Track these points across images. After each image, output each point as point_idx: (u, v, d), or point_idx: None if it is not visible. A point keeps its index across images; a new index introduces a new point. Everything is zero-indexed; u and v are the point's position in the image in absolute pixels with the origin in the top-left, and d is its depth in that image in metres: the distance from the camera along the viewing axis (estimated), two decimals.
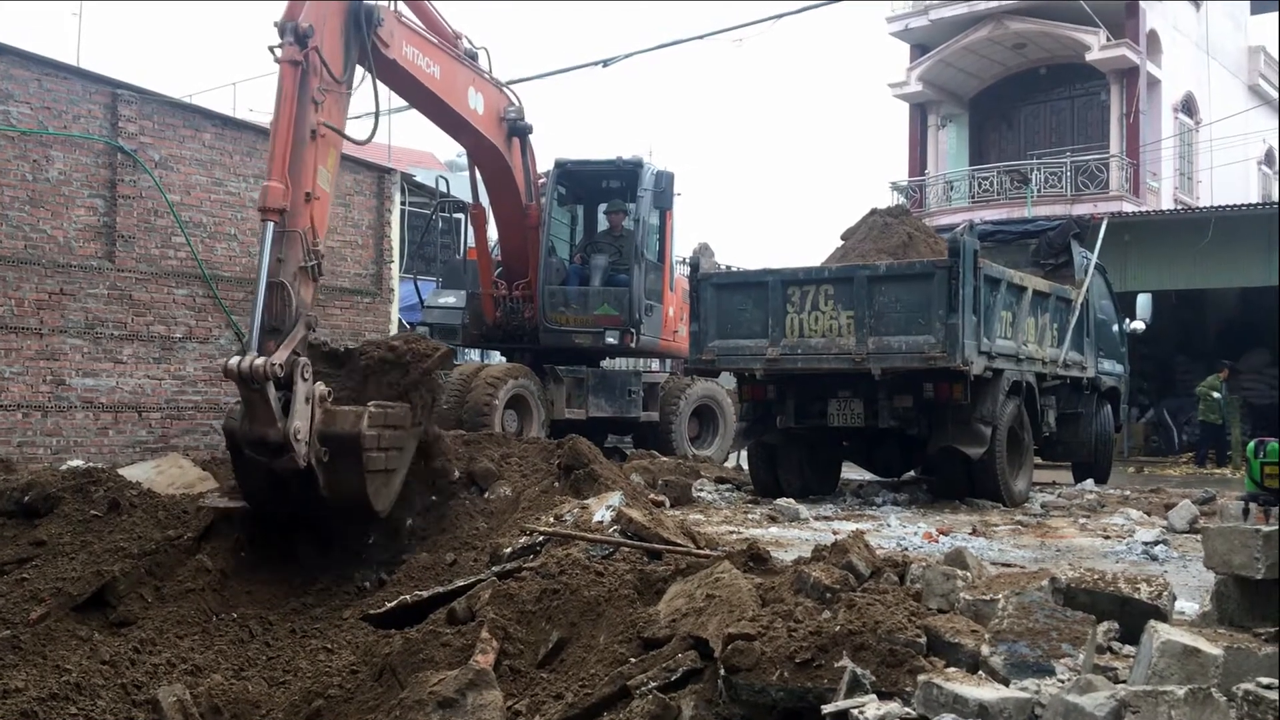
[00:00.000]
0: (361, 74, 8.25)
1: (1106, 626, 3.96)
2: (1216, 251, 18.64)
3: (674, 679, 3.95)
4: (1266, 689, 2.84)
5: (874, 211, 11.44)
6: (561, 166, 13.88)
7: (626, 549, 5.43)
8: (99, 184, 11.69)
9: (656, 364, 18.17)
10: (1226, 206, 20.60)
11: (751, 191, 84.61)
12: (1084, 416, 12.62)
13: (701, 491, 10.86)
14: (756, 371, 10.60)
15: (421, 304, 14.83)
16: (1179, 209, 25.16)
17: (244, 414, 6.78)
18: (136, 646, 5.85)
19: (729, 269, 17.97)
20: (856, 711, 3.19)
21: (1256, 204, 23.30)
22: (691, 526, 6.35)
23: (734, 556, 4.91)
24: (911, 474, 12.38)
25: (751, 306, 10.49)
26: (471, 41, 11.15)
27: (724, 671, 3.68)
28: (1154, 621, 3.51)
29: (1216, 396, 18.44)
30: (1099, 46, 25.67)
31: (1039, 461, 12.25)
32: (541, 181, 13.26)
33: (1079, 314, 12.02)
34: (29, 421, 11.06)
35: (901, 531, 8.37)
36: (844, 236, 11.32)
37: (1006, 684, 3.30)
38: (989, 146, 29.12)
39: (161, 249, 12.19)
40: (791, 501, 9.66)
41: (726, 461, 14.98)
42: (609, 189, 14.47)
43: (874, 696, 3.29)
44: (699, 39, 17.33)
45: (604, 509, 6.16)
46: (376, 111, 8.12)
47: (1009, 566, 6.19)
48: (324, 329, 12.81)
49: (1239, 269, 19.11)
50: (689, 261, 13.62)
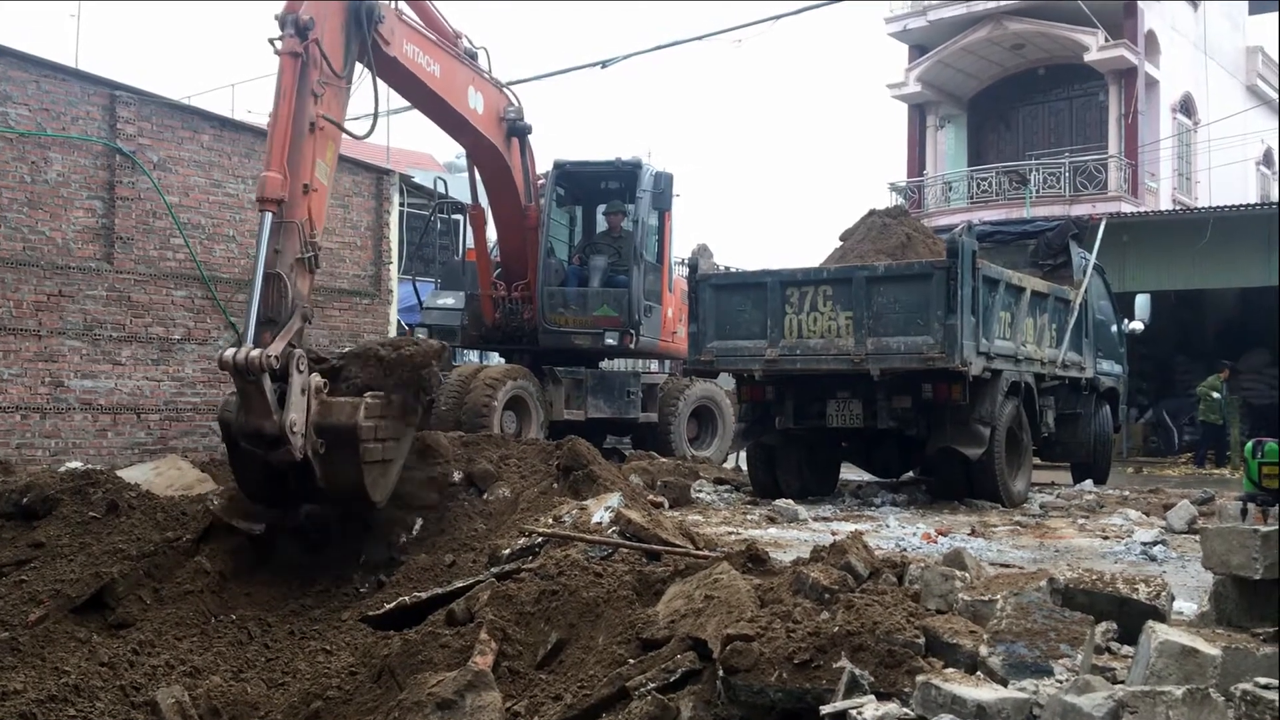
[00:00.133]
0: (361, 71, 8.26)
1: (1105, 627, 3.96)
2: (1215, 252, 18.63)
3: (673, 680, 3.96)
4: (1264, 689, 2.84)
5: (872, 212, 11.44)
6: (560, 167, 13.86)
7: (625, 550, 5.43)
8: (97, 186, 11.68)
9: (655, 365, 18.17)
10: (1225, 207, 20.59)
11: (750, 192, 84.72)
12: (1083, 417, 12.62)
13: (700, 492, 10.86)
14: (755, 372, 10.60)
15: (420, 305, 14.82)
16: (1177, 209, 25.14)
17: (240, 406, 6.76)
18: (135, 648, 5.86)
19: (728, 270, 17.95)
20: (855, 712, 3.20)
21: (1255, 204, 23.31)
22: (690, 527, 6.34)
23: (733, 557, 4.92)
24: (910, 475, 12.37)
25: (750, 307, 10.49)
26: (471, 41, 11.16)
27: (723, 672, 3.68)
28: (1152, 622, 3.52)
29: (1216, 397, 18.43)
30: (1097, 47, 25.66)
31: (1038, 462, 12.25)
32: (540, 182, 13.26)
33: (1077, 314, 12.02)
34: (27, 423, 11.05)
35: (900, 532, 8.37)
36: (842, 237, 11.32)
37: (1005, 684, 3.30)
38: (987, 147, 29.12)
39: (160, 250, 12.18)
40: (790, 502, 9.66)
41: (725, 462, 14.96)
42: (608, 190, 14.45)
43: (872, 697, 3.29)
44: (698, 40, 17.24)
45: (603, 510, 6.16)
46: (376, 108, 8.15)
47: (1007, 567, 6.20)
48: (322, 330, 12.86)
49: (1238, 269, 19.11)
50: (687, 262, 13.62)
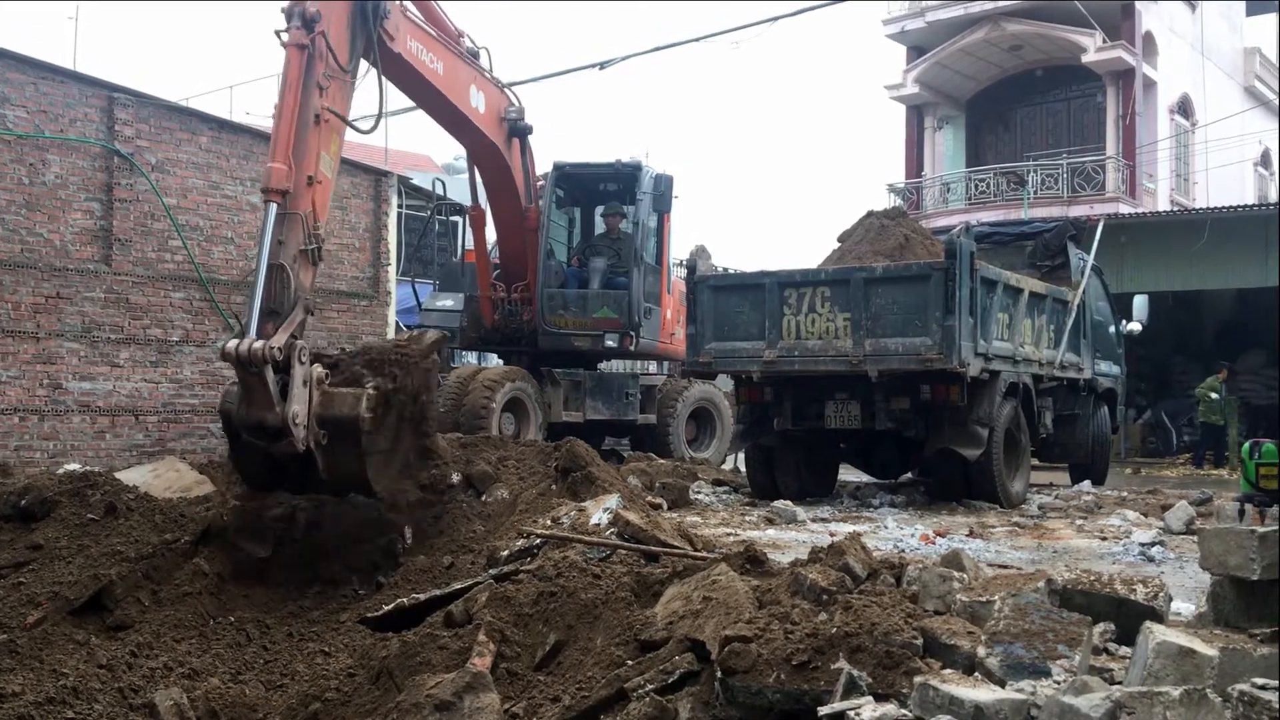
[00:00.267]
0: (365, 68, 8.28)
1: (1103, 628, 3.97)
2: (1213, 253, 18.64)
3: (671, 681, 3.95)
4: (1262, 690, 2.85)
5: (871, 213, 11.46)
6: (560, 169, 13.86)
7: (624, 551, 5.43)
8: (95, 187, 11.68)
9: (654, 366, 18.16)
10: (1223, 208, 20.62)
11: (748, 194, 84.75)
12: (1081, 418, 12.63)
13: (699, 494, 10.86)
14: (754, 374, 10.61)
15: (419, 307, 14.82)
16: (1175, 210, 25.17)
17: (241, 398, 6.76)
18: (133, 650, 5.85)
19: (726, 271, 17.95)
20: (853, 713, 3.20)
21: (1253, 205, 23.32)
22: (688, 529, 6.34)
23: (731, 559, 4.91)
24: (908, 476, 12.38)
25: (748, 309, 10.49)
26: (473, 40, 11.19)
27: (721, 674, 3.68)
28: (1150, 622, 3.52)
29: (1216, 398, 18.45)
30: (1095, 48, 25.67)
31: (1036, 463, 12.26)
32: (540, 184, 13.26)
33: (1075, 315, 12.03)
34: (25, 425, 11.05)
35: (898, 533, 8.38)
36: (841, 239, 11.34)
37: (1002, 685, 3.31)
38: (985, 148, 29.13)
39: (158, 252, 12.17)
40: (789, 503, 9.66)
41: (724, 464, 14.97)
42: (608, 191, 14.46)
43: (870, 698, 3.29)
44: (696, 41, 17.17)
45: (601, 511, 6.16)
46: (381, 103, 8.17)
47: (1005, 568, 6.20)
48: (320, 333, 12.84)
49: (1235, 270, 19.12)
50: (685, 263, 13.62)
